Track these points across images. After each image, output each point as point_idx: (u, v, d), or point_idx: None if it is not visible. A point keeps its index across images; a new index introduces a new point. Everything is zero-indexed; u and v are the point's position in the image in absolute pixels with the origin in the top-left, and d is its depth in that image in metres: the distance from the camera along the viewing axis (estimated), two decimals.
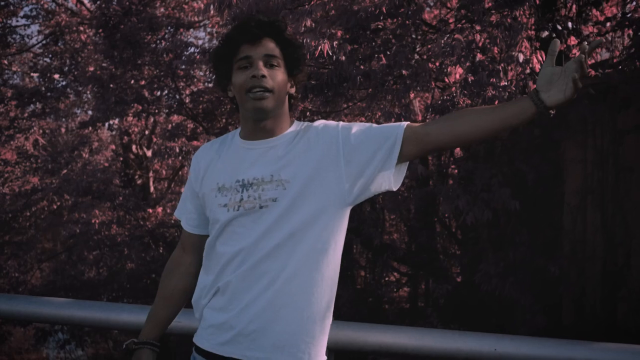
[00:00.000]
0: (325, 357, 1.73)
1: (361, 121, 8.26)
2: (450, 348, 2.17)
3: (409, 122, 1.68)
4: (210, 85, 10.77)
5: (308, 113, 7.66)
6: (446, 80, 5.50)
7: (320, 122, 1.76)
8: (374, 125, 1.71)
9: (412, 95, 5.48)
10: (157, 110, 10.75)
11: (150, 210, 10.75)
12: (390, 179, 1.66)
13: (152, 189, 13.55)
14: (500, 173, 4.79)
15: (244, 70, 1.67)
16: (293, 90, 1.77)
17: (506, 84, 3.99)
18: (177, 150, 7.35)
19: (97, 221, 10.15)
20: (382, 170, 1.65)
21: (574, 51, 4.62)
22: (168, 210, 11.58)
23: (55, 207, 13.75)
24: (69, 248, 12.52)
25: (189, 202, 1.85)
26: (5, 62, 13.66)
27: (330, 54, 4.10)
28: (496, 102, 3.94)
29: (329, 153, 1.66)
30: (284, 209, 1.63)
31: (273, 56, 1.68)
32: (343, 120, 7.64)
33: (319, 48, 4.00)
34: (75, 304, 2.56)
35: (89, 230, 10.39)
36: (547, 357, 2.07)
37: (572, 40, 4.64)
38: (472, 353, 2.15)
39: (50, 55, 13.54)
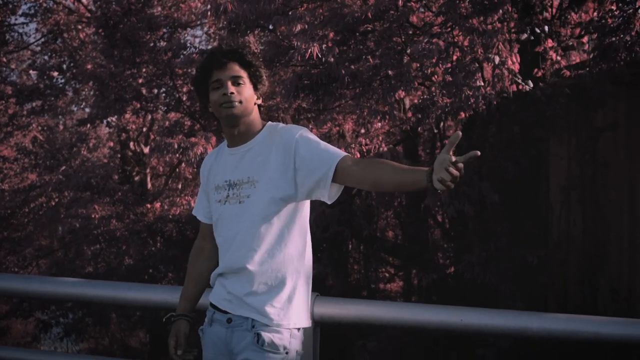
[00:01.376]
0: (304, 323, 2.14)
1: (352, 119, 8.56)
2: (422, 319, 2.44)
3: (345, 156, 2.01)
4: None
5: (301, 111, 7.93)
6: (434, 79, 5.77)
7: (285, 129, 2.14)
8: (322, 144, 2.06)
9: (402, 95, 5.75)
10: (154, 108, 10.98)
11: (149, 206, 10.95)
12: (325, 195, 2.03)
13: (149, 185, 13.72)
14: (485, 168, 5.07)
15: (217, 90, 2.09)
16: (260, 101, 2.19)
17: (481, 84, 4.27)
18: (176, 146, 7.59)
19: (96, 216, 10.34)
20: (318, 187, 2.03)
21: (551, 53, 4.89)
22: (166, 206, 11.76)
23: (53, 203, 13.91)
24: (66, 244, 12.70)
25: (205, 199, 2.29)
26: (4, 59, 13.81)
27: (320, 56, 4.37)
28: (472, 101, 4.23)
29: (285, 159, 2.05)
30: (254, 203, 2.07)
31: (239, 76, 2.11)
32: (335, 118, 7.94)
33: (309, 51, 4.27)
34: (86, 283, 2.83)
35: (88, 225, 10.57)
36: (506, 327, 2.35)
37: (550, 43, 4.91)
38: (441, 324, 2.42)
39: (49, 53, 13.72)
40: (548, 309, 6.24)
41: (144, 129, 14.00)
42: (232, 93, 2.07)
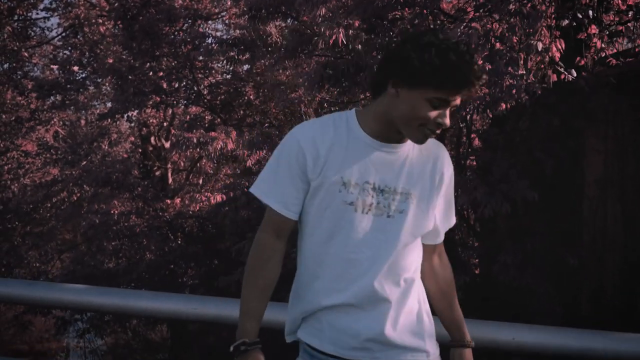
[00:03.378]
0: None
1: None
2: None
3: (442, 237, 1.83)
4: (229, 77, 10.82)
5: (325, 104, 7.64)
6: None
7: (441, 149, 1.77)
8: (452, 196, 1.82)
9: None
10: (175, 102, 10.83)
11: (169, 201, 10.82)
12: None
13: (170, 180, 13.63)
14: (519, 163, 4.75)
15: (434, 109, 1.56)
16: None
17: (524, 72, 3.95)
18: (195, 141, 7.40)
19: (116, 211, 10.24)
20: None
21: (595, 40, 4.55)
22: (186, 202, 11.64)
23: (75, 198, 13.92)
24: (88, 239, 12.68)
25: (292, 186, 1.67)
26: (26, 54, 13.79)
27: (345, 42, 4.07)
28: (514, 91, 3.91)
29: (438, 184, 1.73)
30: (407, 221, 1.66)
31: (457, 105, 1.64)
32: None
33: (334, 37, 3.97)
34: (94, 291, 2.60)
35: (108, 221, 10.49)
36: (565, 347, 2.06)
37: (593, 29, 4.57)
38: (490, 342, 2.14)
39: (69, 48, 13.66)
40: (582, 311, 5.93)
41: (165, 124, 13.90)
42: (446, 126, 1.60)
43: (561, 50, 4.16)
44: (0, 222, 13.29)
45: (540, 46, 3.94)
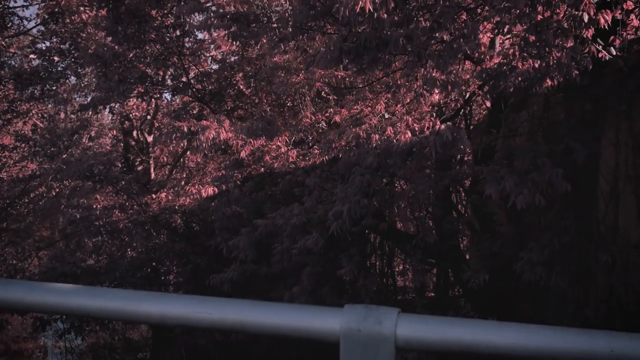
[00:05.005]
0: None
1: (386, 98, 7.81)
2: (556, 347, 1.75)
3: None
4: (216, 67, 10.36)
5: (323, 93, 7.22)
6: (476, 54, 5.06)
7: None
8: None
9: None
10: (160, 93, 10.35)
11: (154, 196, 10.34)
12: None
13: (153, 175, 13.17)
14: (549, 151, 4.34)
15: None
16: None
17: (572, 44, 3.55)
18: (185, 130, 6.90)
19: (99, 206, 9.73)
20: None
21: (632, 17, 4.16)
22: (170, 197, 11.18)
23: (53, 193, 13.45)
24: (67, 235, 12.20)
25: None
26: (3, 43, 13.18)
27: (372, 9, 3.64)
28: (564, 63, 3.52)
29: None
30: None
31: None
32: (366, 97, 7.17)
33: (360, 3, 3.55)
34: (85, 291, 2.13)
35: (89, 216, 9.99)
36: None
37: (630, 5, 4.19)
38: (582, 354, 1.72)
39: (50, 36, 13.08)
40: (585, 312, 5.59)
41: (148, 117, 13.43)
42: None
43: (608, 22, 3.75)
44: None
45: (586, 17, 3.54)
